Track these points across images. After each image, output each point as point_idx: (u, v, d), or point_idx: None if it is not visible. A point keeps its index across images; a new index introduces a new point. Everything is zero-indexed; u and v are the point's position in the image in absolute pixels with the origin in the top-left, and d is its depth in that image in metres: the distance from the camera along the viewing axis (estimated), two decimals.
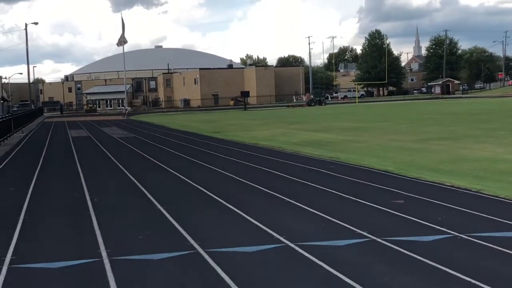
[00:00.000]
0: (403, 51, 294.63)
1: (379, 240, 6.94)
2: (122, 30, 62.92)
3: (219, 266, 6.05)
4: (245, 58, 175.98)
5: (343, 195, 10.06)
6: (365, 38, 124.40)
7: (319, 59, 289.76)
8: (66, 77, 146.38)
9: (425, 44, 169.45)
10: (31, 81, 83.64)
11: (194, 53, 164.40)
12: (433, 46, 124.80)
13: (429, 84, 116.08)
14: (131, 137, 28.95)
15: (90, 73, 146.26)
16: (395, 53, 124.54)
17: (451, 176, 11.62)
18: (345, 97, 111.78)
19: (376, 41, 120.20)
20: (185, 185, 12.04)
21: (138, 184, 12.18)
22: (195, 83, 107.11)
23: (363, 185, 11.12)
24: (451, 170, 12.65)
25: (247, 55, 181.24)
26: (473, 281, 5.37)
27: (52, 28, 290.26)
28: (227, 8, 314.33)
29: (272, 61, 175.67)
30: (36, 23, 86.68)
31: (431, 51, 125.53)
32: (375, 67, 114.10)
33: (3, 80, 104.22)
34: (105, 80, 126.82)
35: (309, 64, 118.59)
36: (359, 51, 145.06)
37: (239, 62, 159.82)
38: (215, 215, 8.78)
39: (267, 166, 14.43)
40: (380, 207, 8.86)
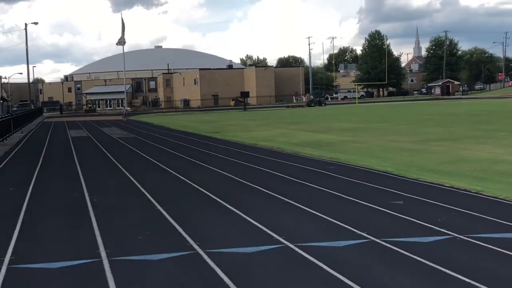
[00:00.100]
0: (403, 52, 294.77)
1: (378, 241, 6.94)
2: (122, 31, 62.92)
3: (218, 266, 6.05)
4: (245, 58, 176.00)
5: (342, 195, 10.07)
6: (365, 39, 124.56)
7: (319, 59, 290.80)
8: (66, 77, 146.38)
9: (425, 45, 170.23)
10: (30, 81, 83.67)
11: (194, 53, 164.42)
12: (433, 47, 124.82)
13: (429, 85, 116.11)
14: (131, 137, 28.96)
15: (89, 73, 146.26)
16: (395, 53, 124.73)
17: (450, 177, 11.63)
18: (345, 97, 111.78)
19: (376, 41, 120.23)
20: (185, 185, 12.04)
21: (138, 185, 12.18)
22: (195, 83, 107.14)
23: (362, 186, 11.12)
24: (450, 171, 12.66)
25: (247, 55, 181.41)
26: (472, 282, 5.37)
27: (52, 28, 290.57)
28: (227, 8, 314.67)
29: (272, 61, 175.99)
30: (36, 23, 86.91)
31: (431, 52, 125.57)
32: (375, 67, 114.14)
33: (3, 80, 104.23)
34: (105, 80, 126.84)
35: (309, 65, 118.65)
36: (359, 51, 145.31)
37: (239, 62, 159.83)
38: (215, 216, 8.78)
39: (267, 167, 14.43)
40: (380, 208, 8.86)
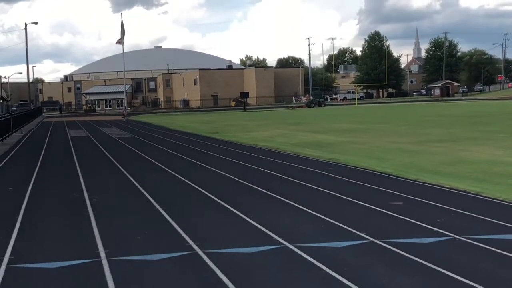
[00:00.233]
0: (403, 53, 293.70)
1: (378, 242, 6.94)
2: (122, 32, 62.78)
3: (217, 267, 6.05)
4: (244, 59, 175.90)
5: (342, 196, 10.06)
6: (364, 40, 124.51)
7: (318, 60, 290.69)
8: (66, 77, 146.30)
9: (424, 46, 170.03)
10: (30, 80, 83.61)
11: (193, 53, 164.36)
12: (433, 48, 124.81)
13: (428, 86, 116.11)
14: (130, 137, 28.95)
15: (89, 73, 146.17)
16: (395, 55, 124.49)
17: (450, 178, 11.63)
18: (344, 98, 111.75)
19: (376, 42, 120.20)
20: (184, 185, 12.03)
21: (137, 185, 12.17)
22: (194, 83, 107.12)
23: (362, 186, 11.12)
24: (450, 172, 12.66)
25: (246, 56, 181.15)
26: (471, 283, 5.37)
27: (52, 28, 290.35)
28: (227, 8, 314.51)
29: (272, 62, 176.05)
30: (36, 22, 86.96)
31: (431, 53, 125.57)
32: (374, 68, 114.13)
33: (3, 79, 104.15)
34: (105, 80, 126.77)
35: (308, 66, 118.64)
36: (358, 52, 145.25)
37: (239, 63, 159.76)
38: (214, 216, 8.78)
39: (266, 167, 14.43)
40: (379, 209, 8.86)
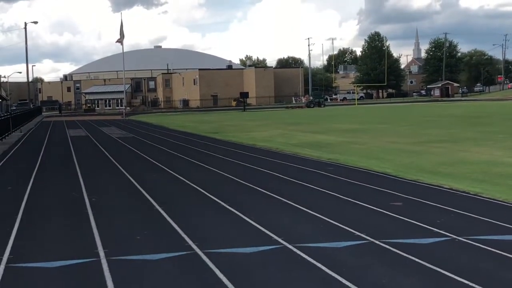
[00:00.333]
0: (403, 53, 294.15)
1: (377, 242, 6.93)
2: (121, 31, 62.70)
3: (217, 267, 6.04)
4: (244, 59, 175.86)
5: (341, 196, 10.06)
6: (364, 40, 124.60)
7: (318, 60, 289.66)
8: (65, 77, 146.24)
9: (424, 47, 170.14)
10: (30, 80, 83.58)
11: (193, 53, 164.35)
12: (433, 49, 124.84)
13: (428, 86, 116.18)
14: (130, 137, 28.94)
15: (89, 72, 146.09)
16: (395, 55, 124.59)
17: (450, 179, 11.62)
18: (344, 99, 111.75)
19: (376, 43, 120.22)
20: (183, 185, 12.03)
21: (137, 184, 12.16)
22: (194, 83, 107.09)
23: (361, 187, 11.12)
24: (450, 172, 12.66)
25: (246, 56, 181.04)
26: (471, 283, 5.37)
27: (51, 28, 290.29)
28: (227, 8, 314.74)
29: (272, 62, 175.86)
30: (35, 22, 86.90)
31: (431, 53, 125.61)
32: (374, 69, 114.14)
33: (2, 79, 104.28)
34: (104, 80, 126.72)
35: (308, 66, 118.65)
36: (358, 53, 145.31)
37: (239, 63, 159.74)
38: (213, 216, 8.77)
39: (266, 167, 14.42)
40: (379, 209, 8.86)
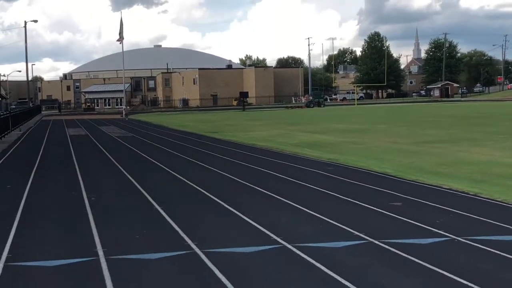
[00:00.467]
0: (403, 53, 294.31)
1: (376, 242, 6.93)
2: (121, 30, 62.58)
3: (216, 266, 6.04)
4: (244, 58, 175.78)
5: (341, 196, 10.06)
6: (364, 40, 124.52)
7: (318, 60, 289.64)
8: (65, 75, 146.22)
9: (424, 47, 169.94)
10: (29, 79, 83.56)
11: (193, 53, 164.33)
12: (433, 49, 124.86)
13: (428, 87, 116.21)
14: (129, 136, 28.93)
15: (88, 71, 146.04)
16: (395, 55, 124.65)
17: (449, 179, 11.62)
18: (344, 99, 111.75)
19: (376, 43, 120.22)
20: (183, 185, 12.02)
21: (136, 184, 12.16)
22: (194, 83, 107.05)
23: (361, 187, 11.12)
24: (449, 173, 12.66)
25: (246, 55, 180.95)
26: (470, 284, 5.36)
27: (51, 26, 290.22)
28: (227, 8, 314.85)
29: (272, 62, 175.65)
30: (35, 21, 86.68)
31: (431, 54, 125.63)
32: (374, 69, 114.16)
33: (2, 77, 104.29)
34: (104, 79, 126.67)
35: (308, 66, 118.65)
36: (358, 53, 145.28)
37: (238, 62, 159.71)
38: (213, 215, 8.76)
39: (265, 167, 14.42)
40: (378, 209, 8.85)
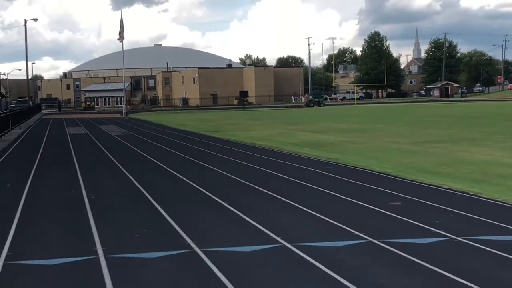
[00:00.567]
0: (403, 53, 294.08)
1: (376, 241, 6.93)
2: (121, 29, 62.45)
3: (215, 265, 6.04)
4: (244, 58, 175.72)
5: (340, 196, 10.05)
6: (364, 40, 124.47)
7: (318, 60, 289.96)
8: (65, 74, 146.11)
9: (424, 47, 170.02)
10: (29, 77, 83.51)
11: (193, 52, 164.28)
12: (433, 49, 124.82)
13: (428, 86, 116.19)
14: (129, 135, 28.92)
15: (88, 70, 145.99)
16: (395, 55, 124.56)
17: (449, 179, 11.62)
18: (344, 98, 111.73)
19: (376, 43, 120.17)
20: (183, 184, 12.02)
21: (136, 182, 12.15)
22: (194, 82, 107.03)
23: (361, 186, 11.11)
24: (449, 173, 12.66)
25: (246, 55, 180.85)
26: (470, 284, 5.36)
27: (51, 25, 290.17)
28: (227, 7, 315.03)
29: (272, 61, 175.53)
30: (35, 19, 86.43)
31: (431, 54, 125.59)
32: (374, 69, 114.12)
33: (2, 76, 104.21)
34: (104, 78, 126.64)
35: (308, 65, 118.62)
36: (358, 52, 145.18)
37: (238, 61, 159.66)
38: (212, 215, 8.76)
39: (265, 166, 14.42)
40: (378, 209, 8.85)
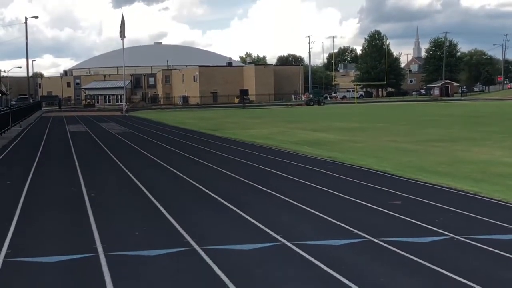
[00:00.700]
0: (403, 52, 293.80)
1: (375, 240, 6.94)
2: (122, 27, 62.47)
3: (215, 263, 6.04)
4: (244, 56, 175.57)
5: (340, 194, 10.06)
6: (365, 39, 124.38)
7: (318, 58, 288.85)
8: (65, 72, 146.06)
9: (425, 46, 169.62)
10: (30, 75, 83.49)
11: (193, 50, 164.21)
12: (433, 48, 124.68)
13: (428, 86, 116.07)
14: (129, 133, 28.92)
15: (89, 68, 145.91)
16: (395, 54, 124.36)
17: (449, 178, 11.63)
18: (344, 97, 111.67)
19: (376, 41, 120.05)
20: (182, 182, 12.03)
21: (135, 180, 12.16)
22: (194, 80, 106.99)
23: (360, 185, 11.12)
24: (449, 172, 12.66)
25: (246, 53, 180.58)
26: (469, 283, 5.37)
27: (52, 22, 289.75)
28: (227, 5, 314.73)
29: (272, 59, 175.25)
30: (36, 17, 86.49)
31: (431, 53, 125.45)
32: (374, 67, 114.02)
33: (2, 73, 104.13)
34: (104, 76, 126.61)
35: (308, 64, 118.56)
36: (359, 51, 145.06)
37: (239, 60, 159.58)
38: (212, 213, 8.77)
39: (265, 165, 14.42)
40: (377, 208, 8.86)
